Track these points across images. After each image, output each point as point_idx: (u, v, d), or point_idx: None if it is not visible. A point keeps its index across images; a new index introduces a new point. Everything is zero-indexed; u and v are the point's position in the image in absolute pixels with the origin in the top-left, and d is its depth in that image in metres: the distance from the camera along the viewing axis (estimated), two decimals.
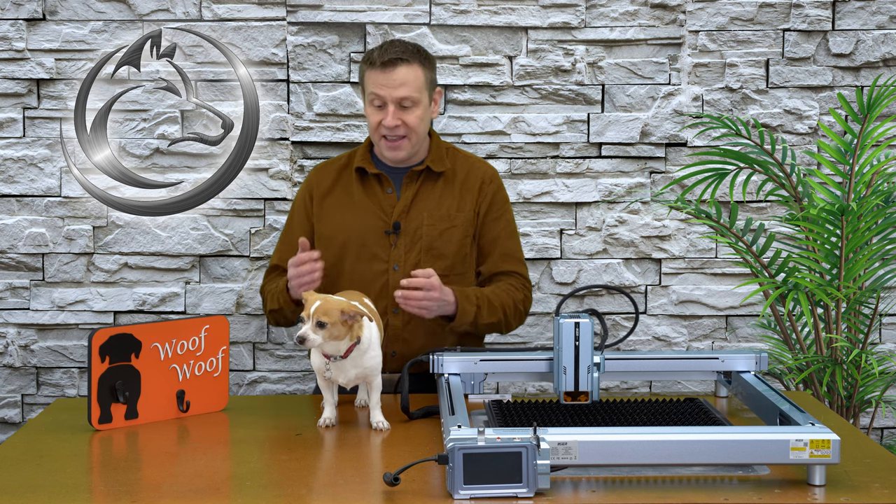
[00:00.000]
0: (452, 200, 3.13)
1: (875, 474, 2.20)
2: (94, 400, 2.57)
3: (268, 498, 2.09)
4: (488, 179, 3.17)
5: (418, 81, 3.04)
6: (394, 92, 3.02)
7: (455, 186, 3.14)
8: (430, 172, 3.14)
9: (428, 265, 3.03)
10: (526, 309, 3.17)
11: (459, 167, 3.17)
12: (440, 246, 3.09)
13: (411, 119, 3.04)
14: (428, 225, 3.09)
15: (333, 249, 3.11)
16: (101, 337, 2.57)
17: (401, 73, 3.02)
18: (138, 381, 2.64)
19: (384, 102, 3.03)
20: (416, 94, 3.03)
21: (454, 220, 3.11)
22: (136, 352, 2.63)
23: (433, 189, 3.13)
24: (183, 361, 2.70)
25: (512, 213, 3.24)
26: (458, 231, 3.11)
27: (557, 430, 2.12)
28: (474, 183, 3.15)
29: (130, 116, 3.88)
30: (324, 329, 2.45)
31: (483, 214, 3.15)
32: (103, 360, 2.58)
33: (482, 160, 3.26)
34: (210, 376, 2.75)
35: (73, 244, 3.89)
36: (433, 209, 3.11)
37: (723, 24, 3.90)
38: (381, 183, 3.13)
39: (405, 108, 3.03)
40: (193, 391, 2.72)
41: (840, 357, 3.42)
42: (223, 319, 2.78)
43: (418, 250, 3.08)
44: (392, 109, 3.02)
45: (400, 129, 3.04)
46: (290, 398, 2.91)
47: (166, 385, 2.68)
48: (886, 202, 3.39)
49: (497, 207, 3.17)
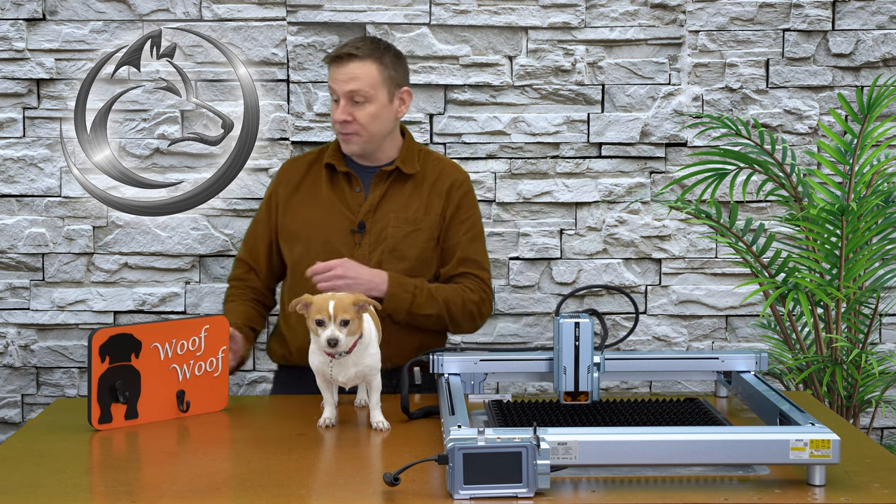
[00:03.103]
0: (420, 203, 3.10)
1: (875, 474, 2.20)
2: (94, 400, 2.57)
3: (268, 498, 2.08)
4: (457, 184, 3.14)
5: (371, 78, 3.02)
6: (343, 86, 3.01)
7: (424, 189, 3.12)
8: (400, 174, 3.11)
9: (389, 266, 3.03)
10: (481, 312, 3.11)
11: (430, 170, 3.14)
12: (404, 248, 3.07)
13: (361, 115, 3.03)
14: (393, 226, 3.07)
15: (298, 245, 3.11)
16: (101, 337, 2.56)
17: (352, 67, 3.02)
18: (138, 381, 2.63)
19: (338, 96, 3.04)
20: (369, 89, 3.01)
21: (420, 223, 3.10)
22: (136, 352, 2.63)
23: (401, 190, 3.11)
24: (183, 361, 2.70)
25: (478, 217, 3.18)
26: (423, 234, 3.09)
27: (557, 430, 2.12)
28: (443, 187, 3.12)
29: (130, 116, 3.88)
30: (346, 327, 2.45)
31: (449, 218, 3.12)
32: (103, 360, 2.57)
33: (454, 164, 3.22)
34: (210, 376, 2.75)
35: (73, 244, 3.89)
36: (400, 211, 3.09)
37: (723, 24, 3.90)
38: (349, 181, 3.12)
39: (356, 104, 3.02)
40: (193, 391, 2.72)
41: (840, 357, 3.42)
42: (223, 319, 2.78)
43: (381, 251, 3.06)
44: (343, 104, 3.02)
45: (351, 124, 3.03)
46: (290, 398, 2.91)
47: (166, 385, 2.68)
48: (886, 202, 3.39)
49: (462, 212, 3.13)
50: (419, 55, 3.88)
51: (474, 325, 3.13)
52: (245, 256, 3.23)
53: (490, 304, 3.14)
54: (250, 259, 3.21)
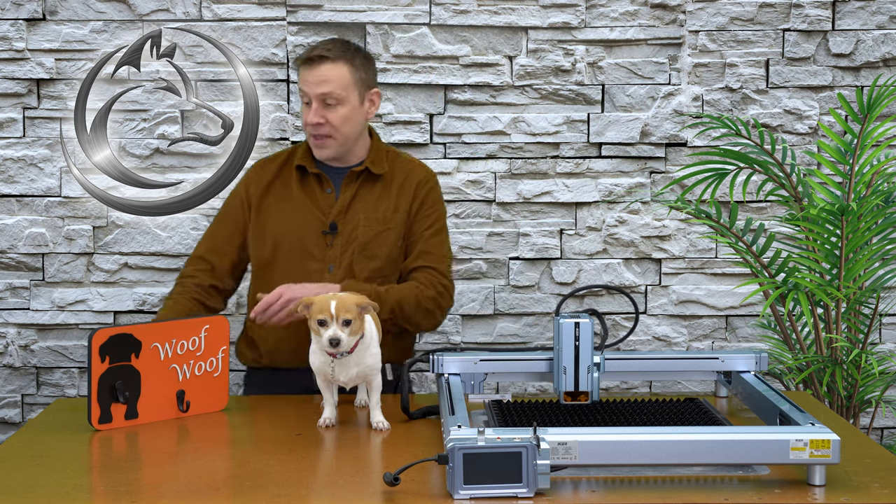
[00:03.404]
0: (389, 203, 3.11)
1: (875, 474, 2.20)
2: (94, 400, 2.57)
3: (268, 498, 2.08)
4: (423, 182, 3.15)
5: (343, 80, 3.02)
6: (316, 88, 3.01)
7: (393, 189, 3.13)
8: (370, 174, 3.12)
9: (360, 266, 3.04)
10: (440, 306, 3.09)
11: (398, 170, 3.15)
12: (374, 247, 3.08)
13: (334, 117, 3.02)
14: (364, 226, 3.08)
15: (270, 246, 3.11)
16: (101, 337, 2.56)
17: (323, 69, 3.01)
18: (138, 381, 2.63)
19: (310, 99, 3.03)
20: (341, 91, 3.01)
21: (389, 222, 3.10)
22: (136, 352, 2.63)
23: (371, 191, 3.12)
24: (183, 361, 2.70)
25: (442, 213, 3.19)
26: (393, 233, 3.10)
27: (557, 430, 2.12)
28: (410, 186, 3.13)
29: (130, 116, 3.88)
30: (349, 327, 2.45)
31: (413, 214, 3.13)
32: (103, 360, 2.57)
33: (421, 164, 3.23)
34: (210, 376, 2.75)
35: (73, 244, 3.89)
36: (370, 211, 3.09)
37: (723, 24, 3.90)
38: (320, 182, 3.12)
39: (329, 106, 3.02)
40: (193, 391, 2.72)
41: (840, 357, 3.42)
42: (223, 319, 2.78)
43: (352, 251, 3.06)
44: (315, 106, 3.02)
45: (324, 126, 3.03)
46: (290, 398, 2.91)
47: (166, 385, 2.68)
48: (886, 202, 3.39)
49: (426, 207, 3.14)
50: (419, 55, 3.88)
51: (434, 320, 3.11)
52: (205, 254, 3.18)
53: (449, 296, 3.12)
54: (212, 257, 3.17)
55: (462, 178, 3.93)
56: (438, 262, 3.12)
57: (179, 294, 3.13)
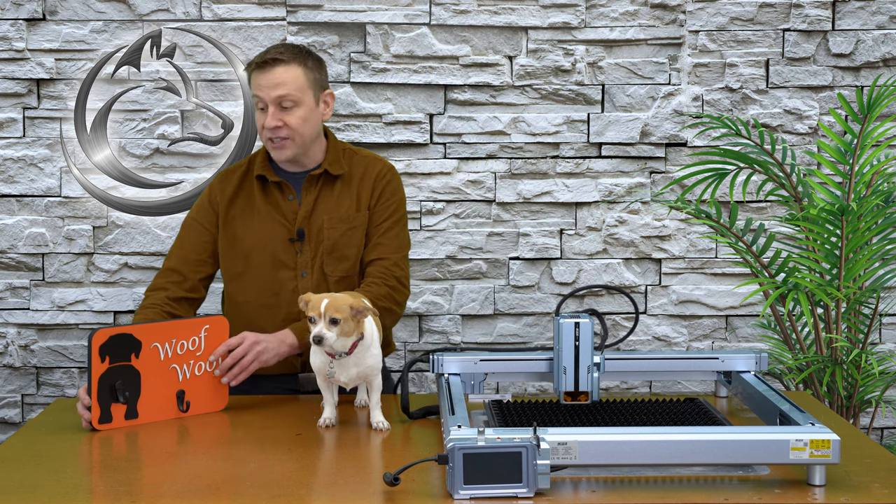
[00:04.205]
0: (351, 202, 3.10)
1: (875, 474, 2.20)
2: (94, 400, 2.57)
3: (268, 498, 2.08)
4: (381, 175, 3.13)
5: (298, 81, 3.01)
6: (271, 92, 2.99)
7: (353, 187, 3.11)
8: (329, 176, 3.11)
9: (330, 268, 3.04)
10: (395, 300, 3.04)
11: (356, 168, 3.14)
12: (342, 248, 3.07)
13: (292, 120, 3.01)
14: (328, 228, 3.07)
15: (241, 259, 3.09)
16: (101, 337, 2.56)
17: (278, 72, 2.99)
18: (138, 381, 2.63)
19: (265, 104, 3.01)
20: (297, 93, 3.00)
21: (353, 220, 3.09)
22: (136, 352, 2.63)
23: (332, 192, 3.10)
24: (183, 361, 2.70)
25: (400, 203, 3.15)
26: (359, 232, 3.09)
27: (557, 430, 2.12)
28: (369, 181, 3.12)
29: (130, 116, 3.88)
30: (336, 326, 2.45)
31: (372, 207, 3.12)
32: (103, 360, 2.57)
33: (379, 158, 3.20)
34: (210, 376, 2.75)
35: (73, 244, 3.89)
36: (332, 212, 3.08)
37: (723, 24, 3.90)
38: (282, 190, 3.11)
39: (285, 109, 3.01)
40: (193, 391, 2.72)
41: (840, 357, 3.42)
42: (223, 319, 2.78)
43: (321, 254, 3.06)
44: (272, 110, 3.00)
45: (282, 130, 3.01)
46: (290, 398, 2.91)
47: (166, 385, 2.68)
48: (886, 202, 3.39)
49: (384, 200, 3.13)
50: (419, 55, 3.88)
51: (393, 316, 3.08)
52: (176, 266, 3.12)
53: (404, 287, 3.07)
54: (184, 268, 3.11)
55: (462, 178, 3.93)
56: (393, 252, 3.09)
57: (149, 307, 3.05)
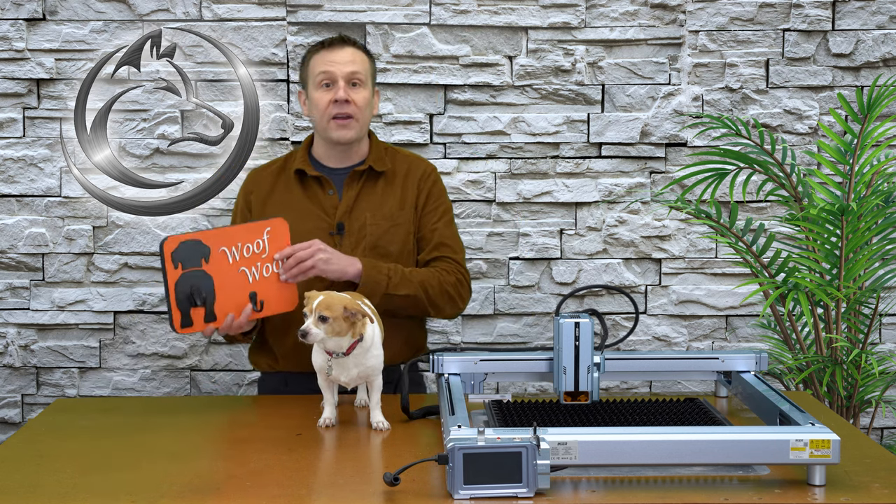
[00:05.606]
0: (394, 199, 3.12)
1: (875, 474, 2.20)
2: (173, 306, 2.60)
3: (268, 498, 2.08)
4: (426, 175, 3.18)
5: (364, 65, 3.08)
6: (343, 67, 3.04)
7: (396, 185, 3.14)
8: (372, 172, 3.13)
9: None
10: (461, 295, 3.11)
11: (399, 166, 3.17)
12: (385, 244, 3.09)
13: (359, 98, 3.05)
14: (371, 224, 3.08)
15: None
16: (171, 244, 2.61)
17: (349, 51, 3.06)
18: (212, 285, 2.68)
19: (333, 79, 3.04)
20: (364, 75, 3.06)
21: (397, 218, 3.11)
22: (205, 257, 2.67)
23: (374, 188, 3.13)
24: (251, 264, 2.74)
25: (449, 205, 3.21)
26: (402, 229, 3.11)
27: (557, 430, 2.12)
28: (413, 180, 3.16)
29: (130, 116, 3.88)
30: (326, 323, 2.45)
31: (421, 208, 3.15)
32: (176, 267, 2.60)
33: (421, 158, 3.25)
34: (278, 277, 2.80)
35: (73, 244, 3.89)
36: (376, 209, 3.10)
37: (723, 24, 3.90)
38: (321, 185, 3.12)
39: (354, 87, 3.06)
40: (265, 292, 2.77)
41: (840, 357, 3.42)
42: (283, 221, 2.83)
43: (363, 250, 3.07)
44: (342, 84, 3.04)
45: (350, 106, 3.04)
46: (290, 398, 2.91)
47: (238, 287, 2.73)
48: (886, 202, 3.39)
49: (433, 200, 3.17)
50: (419, 55, 3.88)
51: (455, 307, 3.12)
52: None
53: (468, 287, 3.14)
54: None
55: (462, 178, 3.93)
56: (456, 253, 3.15)
57: None
